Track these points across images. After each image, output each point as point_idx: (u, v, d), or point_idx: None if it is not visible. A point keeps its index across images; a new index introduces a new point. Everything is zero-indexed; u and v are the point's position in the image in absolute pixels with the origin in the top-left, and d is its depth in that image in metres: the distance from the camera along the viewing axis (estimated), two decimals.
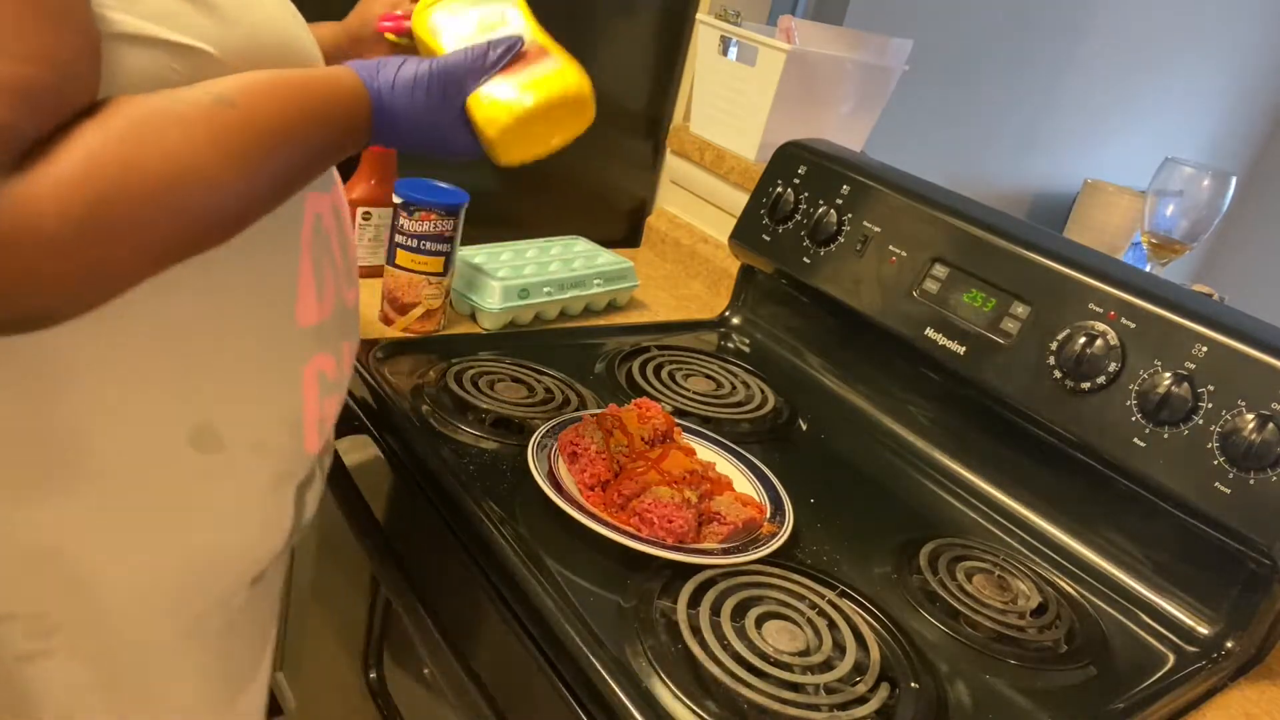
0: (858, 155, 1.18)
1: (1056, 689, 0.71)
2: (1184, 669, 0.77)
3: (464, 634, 0.79)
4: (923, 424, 1.02)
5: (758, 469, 0.87)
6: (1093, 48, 2.79)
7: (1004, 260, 0.94)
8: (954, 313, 0.96)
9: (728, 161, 1.35)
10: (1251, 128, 3.57)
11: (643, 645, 0.64)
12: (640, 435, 0.83)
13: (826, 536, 0.82)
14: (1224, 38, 3.18)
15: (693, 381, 1.05)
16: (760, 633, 0.66)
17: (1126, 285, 0.86)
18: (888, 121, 1.45)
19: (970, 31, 2.48)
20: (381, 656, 0.97)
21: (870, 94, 1.38)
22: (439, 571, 0.83)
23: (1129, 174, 2.89)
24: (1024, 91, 2.74)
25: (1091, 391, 0.85)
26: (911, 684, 0.66)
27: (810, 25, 1.31)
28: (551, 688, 0.66)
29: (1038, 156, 2.96)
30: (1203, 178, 1.11)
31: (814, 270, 1.09)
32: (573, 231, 1.31)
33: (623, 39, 1.35)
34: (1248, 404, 0.76)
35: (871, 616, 0.72)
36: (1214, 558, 0.80)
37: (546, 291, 1.12)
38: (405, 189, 0.98)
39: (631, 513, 0.75)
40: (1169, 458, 0.80)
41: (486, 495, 0.77)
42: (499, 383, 0.93)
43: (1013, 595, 0.79)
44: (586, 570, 0.71)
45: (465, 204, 1.01)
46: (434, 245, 0.99)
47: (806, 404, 1.07)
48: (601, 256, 1.23)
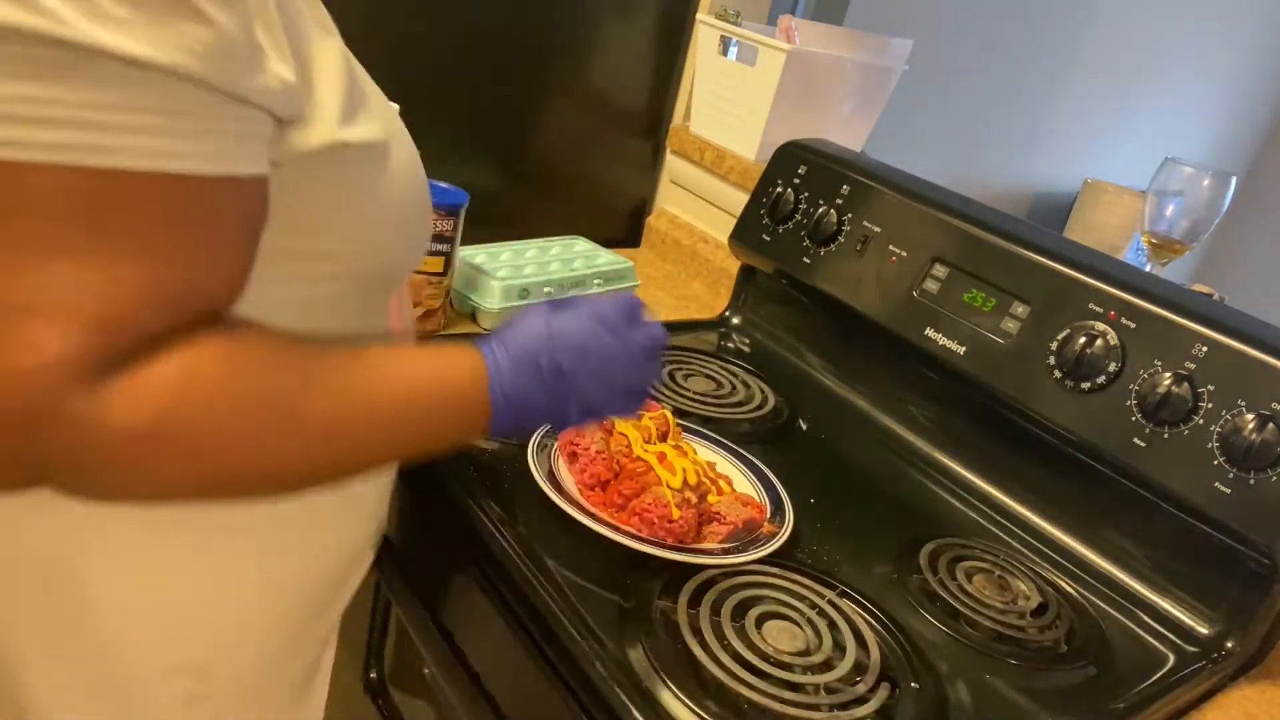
0: (858, 155, 1.18)
1: (1056, 689, 0.71)
2: (1184, 669, 0.76)
3: (464, 634, 0.79)
4: (923, 424, 1.02)
5: (758, 469, 0.87)
6: (1093, 48, 2.79)
7: (1004, 260, 0.94)
8: (954, 313, 0.96)
9: (728, 161, 1.35)
10: (1252, 128, 3.57)
11: (643, 645, 0.64)
12: (640, 435, 0.83)
13: (826, 536, 0.82)
14: (1224, 38, 3.18)
15: (693, 381, 1.05)
16: (760, 633, 0.66)
17: (1126, 285, 0.86)
18: (888, 121, 1.45)
19: (970, 31, 2.48)
20: (381, 656, 0.97)
21: (870, 94, 1.38)
22: (439, 572, 0.83)
23: (1129, 174, 2.89)
24: (1024, 91, 2.74)
25: (1091, 391, 0.85)
26: (911, 684, 0.66)
27: (810, 25, 1.31)
28: (551, 688, 0.66)
29: (1038, 156, 2.95)
30: (1203, 178, 1.11)
31: (814, 270, 1.09)
32: (573, 231, 1.31)
33: (623, 39, 1.35)
34: (1248, 404, 0.76)
35: (871, 616, 0.72)
36: (1214, 558, 0.80)
37: (546, 291, 1.12)
38: None
39: (631, 513, 0.75)
40: (1169, 458, 0.79)
41: (486, 495, 0.77)
42: None
43: (1013, 595, 0.79)
44: (586, 570, 0.71)
45: (465, 204, 1.01)
46: (434, 245, 0.99)
47: (806, 404, 1.07)
48: (601, 256, 1.23)
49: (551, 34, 1.27)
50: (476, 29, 1.20)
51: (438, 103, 1.21)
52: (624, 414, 0.63)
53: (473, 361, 0.54)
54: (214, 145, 0.41)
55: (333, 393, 0.47)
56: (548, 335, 0.56)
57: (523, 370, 0.55)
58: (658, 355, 0.62)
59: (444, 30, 1.18)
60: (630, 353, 0.59)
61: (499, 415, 0.54)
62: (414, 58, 1.15)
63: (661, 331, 0.62)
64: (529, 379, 0.55)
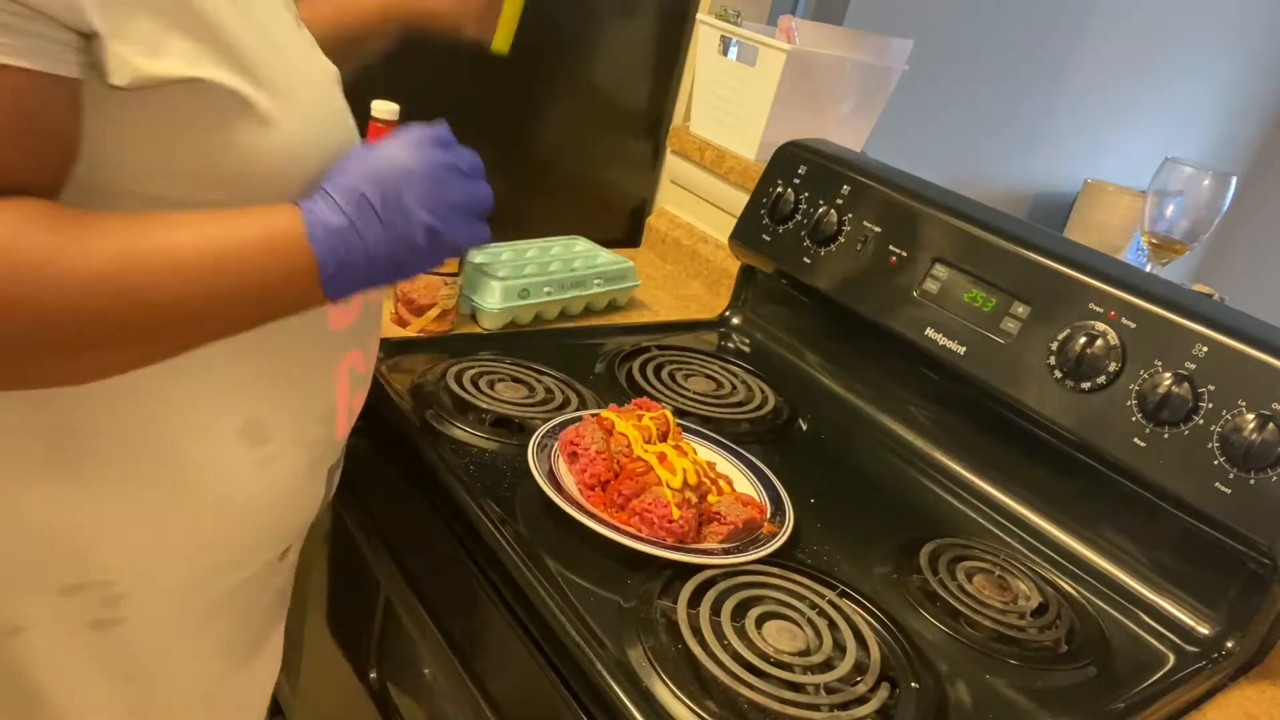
0: (858, 155, 1.18)
1: (1056, 689, 0.71)
2: (1184, 669, 0.77)
3: (464, 634, 0.79)
4: (923, 424, 1.02)
5: (758, 469, 0.87)
6: (1093, 48, 2.79)
7: (1004, 260, 0.94)
8: (954, 313, 0.96)
9: (728, 161, 1.35)
10: (1252, 128, 3.57)
11: (643, 645, 0.64)
12: (640, 435, 0.83)
13: (826, 536, 0.82)
14: (1224, 38, 3.18)
15: (693, 381, 1.05)
16: (760, 633, 0.66)
17: (1126, 285, 0.86)
18: (888, 121, 1.45)
19: (970, 31, 2.48)
20: (381, 656, 0.97)
21: (870, 94, 1.38)
22: (439, 572, 0.83)
23: (1129, 174, 2.89)
24: (1024, 91, 2.74)
25: (1091, 391, 0.85)
26: (912, 684, 0.66)
27: (810, 25, 1.31)
28: (551, 688, 0.66)
29: (1038, 156, 2.96)
30: (1203, 178, 1.11)
31: (814, 270, 1.09)
32: (573, 231, 1.31)
33: (623, 39, 1.35)
34: (1248, 404, 0.76)
35: (872, 616, 0.72)
36: (1214, 558, 0.80)
37: (546, 291, 1.12)
38: None
39: (631, 513, 0.75)
40: (1169, 458, 0.80)
41: (486, 495, 0.77)
42: (499, 383, 0.93)
43: (1013, 595, 0.79)
44: (586, 570, 0.71)
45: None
46: None
47: (806, 404, 1.07)
48: (601, 256, 1.23)
49: (552, 34, 1.27)
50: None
51: (438, 103, 1.21)
52: (467, 238, 0.59)
53: (288, 209, 0.53)
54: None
55: (116, 243, 0.47)
56: (366, 166, 0.55)
57: (349, 202, 0.53)
58: (482, 175, 0.60)
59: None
60: (454, 165, 0.58)
61: (326, 260, 0.52)
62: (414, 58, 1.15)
63: (476, 154, 0.61)
64: (356, 211, 0.53)
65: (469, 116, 1.27)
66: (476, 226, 0.60)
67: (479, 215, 0.60)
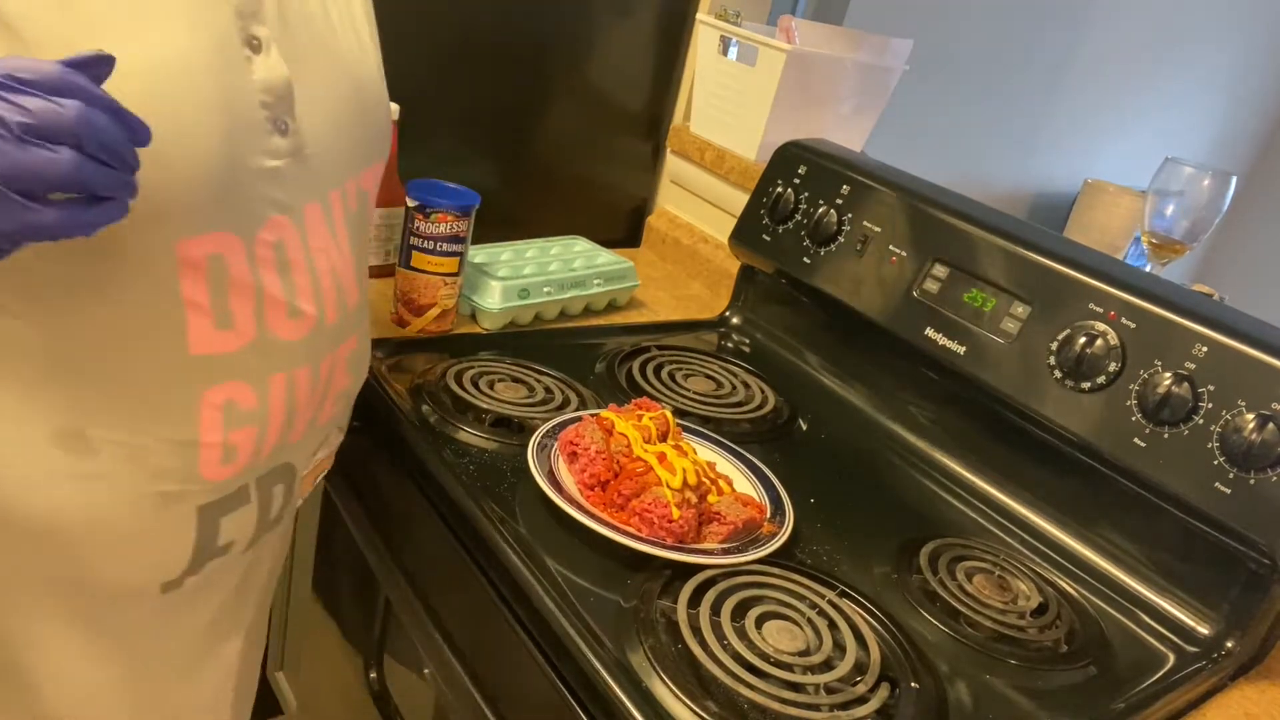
0: (858, 155, 1.18)
1: (1056, 689, 0.71)
2: (1184, 669, 0.77)
3: (464, 634, 0.79)
4: (923, 424, 1.02)
5: (758, 469, 0.87)
6: (1093, 48, 2.79)
7: (1004, 260, 0.94)
8: (954, 313, 0.96)
9: (728, 161, 1.35)
10: (1252, 128, 3.57)
11: (643, 645, 0.64)
12: (640, 435, 0.83)
13: (826, 536, 0.82)
14: (1224, 38, 3.18)
15: (693, 381, 1.05)
16: (760, 633, 0.66)
17: (1126, 285, 0.86)
18: (888, 121, 1.45)
19: (970, 31, 2.48)
20: (381, 656, 0.97)
21: (870, 94, 1.38)
22: (439, 571, 0.83)
23: (1129, 174, 2.89)
24: (1024, 91, 2.74)
25: (1091, 391, 0.85)
26: (911, 684, 0.66)
27: (810, 25, 1.31)
28: (551, 688, 0.66)
29: (1038, 156, 2.96)
30: (1203, 178, 1.11)
31: (814, 270, 1.09)
32: (573, 231, 1.31)
33: (623, 39, 1.35)
34: (1248, 404, 0.76)
35: (872, 616, 0.72)
36: (1214, 558, 0.80)
37: (546, 291, 1.12)
38: (419, 191, 0.98)
39: (631, 513, 0.75)
40: (1169, 458, 0.80)
41: (486, 495, 0.77)
42: (499, 383, 0.93)
43: (1013, 595, 0.79)
44: (586, 570, 0.71)
45: (477, 205, 1.01)
46: (450, 246, 0.99)
47: (806, 404, 1.07)
48: (601, 256, 1.23)
49: (551, 34, 1.27)
50: (477, 29, 1.20)
51: (438, 103, 1.21)
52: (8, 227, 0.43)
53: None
54: None
55: None
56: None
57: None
58: (60, 132, 0.41)
59: (444, 30, 1.18)
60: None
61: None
62: (414, 58, 1.15)
63: (58, 107, 0.41)
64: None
65: (469, 116, 1.28)
66: (19, 211, 0.42)
67: (36, 194, 0.42)
